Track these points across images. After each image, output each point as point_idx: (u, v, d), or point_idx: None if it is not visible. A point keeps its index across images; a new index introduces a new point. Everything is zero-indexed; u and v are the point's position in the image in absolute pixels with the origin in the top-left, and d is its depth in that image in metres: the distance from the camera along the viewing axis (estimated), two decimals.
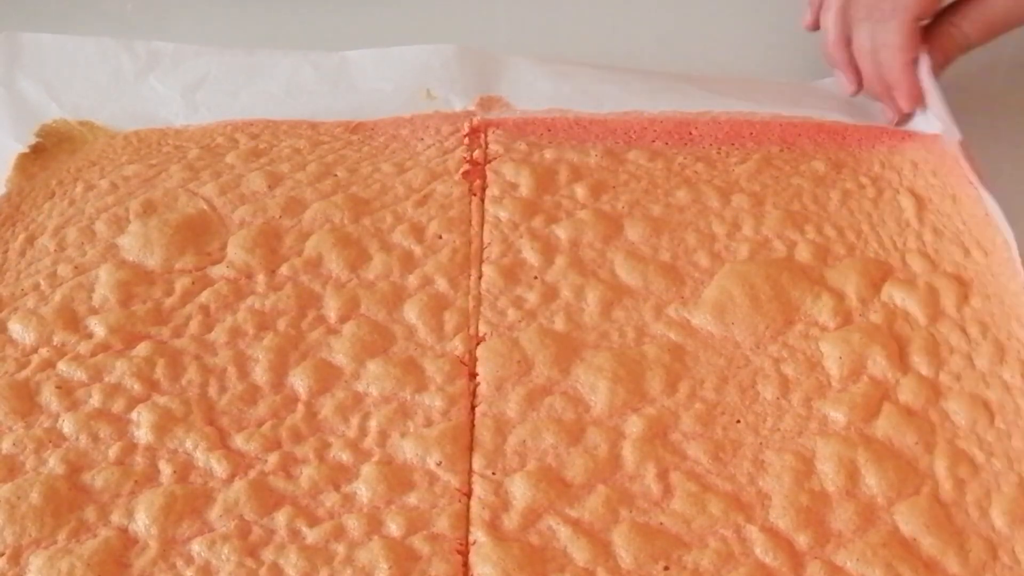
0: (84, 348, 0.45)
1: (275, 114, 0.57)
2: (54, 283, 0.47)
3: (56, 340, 0.45)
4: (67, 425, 0.42)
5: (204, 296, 0.47)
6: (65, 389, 0.44)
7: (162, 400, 0.43)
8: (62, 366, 0.44)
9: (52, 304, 0.46)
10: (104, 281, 0.47)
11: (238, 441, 0.42)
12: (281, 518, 0.40)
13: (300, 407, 0.44)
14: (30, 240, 0.50)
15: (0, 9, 0.65)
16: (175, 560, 0.39)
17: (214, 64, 0.59)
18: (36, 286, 0.47)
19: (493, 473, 0.42)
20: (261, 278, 0.48)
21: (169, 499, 0.40)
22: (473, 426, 0.43)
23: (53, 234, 0.50)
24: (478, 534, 0.40)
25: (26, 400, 0.43)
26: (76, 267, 0.48)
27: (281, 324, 0.46)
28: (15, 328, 0.46)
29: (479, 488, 0.41)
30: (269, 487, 0.41)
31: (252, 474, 0.41)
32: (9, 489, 0.40)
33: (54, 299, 0.47)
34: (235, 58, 0.59)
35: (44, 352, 0.45)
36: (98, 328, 0.46)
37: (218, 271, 0.48)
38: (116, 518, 0.40)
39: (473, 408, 0.44)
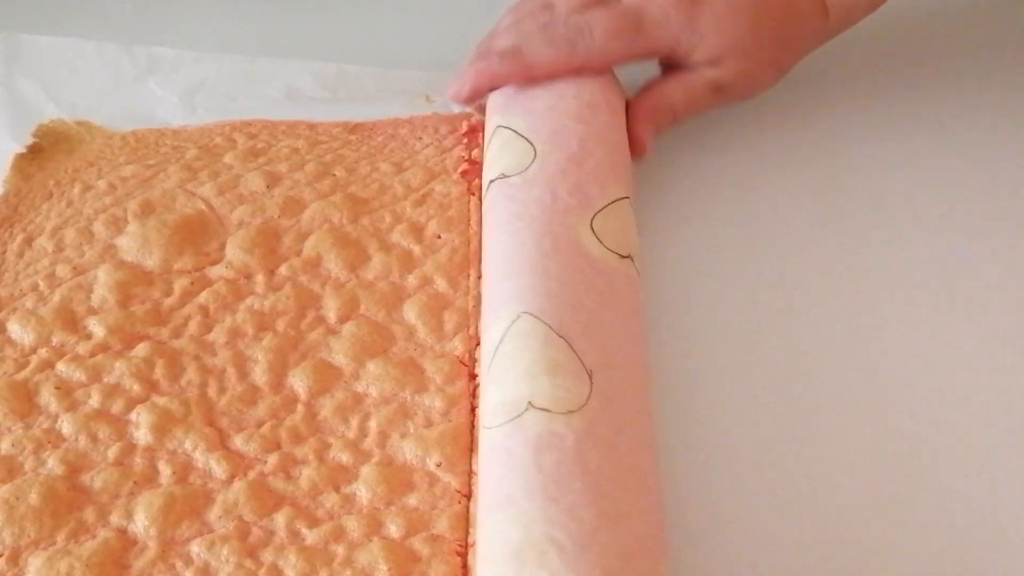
0: (83, 348, 0.45)
1: (274, 117, 0.57)
2: (52, 284, 0.47)
3: (55, 341, 0.45)
4: (66, 426, 0.42)
5: (203, 296, 0.47)
6: (64, 390, 0.43)
7: (161, 401, 0.43)
8: (61, 367, 0.44)
9: (51, 305, 0.46)
10: (103, 282, 0.47)
11: (237, 442, 0.42)
12: (280, 519, 0.40)
13: (300, 408, 0.43)
14: (28, 241, 0.50)
15: None
16: (174, 561, 0.39)
17: (213, 70, 0.59)
18: (35, 287, 0.47)
19: None
20: (260, 278, 0.48)
21: (168, 500, 0.40)
22: (473, 427, 0.43)
23: (51, 235, 0.50)
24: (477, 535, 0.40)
25: (25, 401, 0.43)
26: (74, 268, 0.48)
27: (280, 324, 0.46)
28: (14, 329, 0.46)
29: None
30: (268, 488, 0.41)
31: (251, 475, 0.41)
32: (8, 490, 0.40)
33: (53, 300, 0.47)
34: (235, 65, 0.59)
35: (43, 353, 0.45)
36: (97, 329, 0.46)
37: (217, 271, 0.48)
38: (115, 519, 0.40)
39: (473, 409, 0.44)
